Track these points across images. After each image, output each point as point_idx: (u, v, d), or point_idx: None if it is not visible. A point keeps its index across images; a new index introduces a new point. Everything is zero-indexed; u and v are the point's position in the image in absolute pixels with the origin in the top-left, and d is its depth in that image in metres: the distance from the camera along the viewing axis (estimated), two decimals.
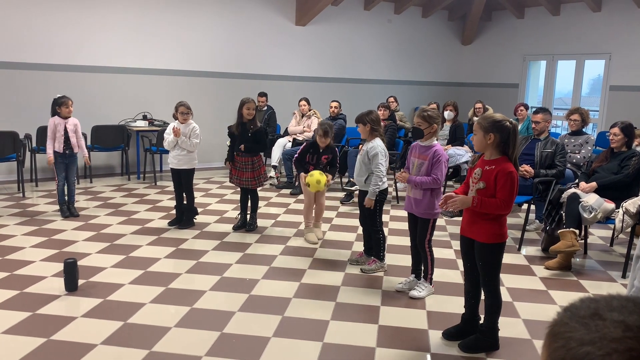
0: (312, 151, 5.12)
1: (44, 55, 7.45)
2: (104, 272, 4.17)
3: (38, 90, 7.39)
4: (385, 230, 5.13)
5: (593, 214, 4.37)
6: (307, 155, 5.13)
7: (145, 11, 8.14)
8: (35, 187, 7.12)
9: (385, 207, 4.60)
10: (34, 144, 7.14)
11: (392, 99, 8.86)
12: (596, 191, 4.60)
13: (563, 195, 4.68)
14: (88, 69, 7.80)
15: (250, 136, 5.25)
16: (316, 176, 4.84)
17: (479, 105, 8.57)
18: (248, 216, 5.47)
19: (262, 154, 5.47)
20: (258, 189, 5.49)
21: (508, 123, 2.92)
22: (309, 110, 8.06)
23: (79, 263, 3.96)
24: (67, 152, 5.64)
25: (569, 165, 5.53)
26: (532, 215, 5.62)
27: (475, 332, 3.13)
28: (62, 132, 5.61)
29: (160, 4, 8.24)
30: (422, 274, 3.91)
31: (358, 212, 4.59)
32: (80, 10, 7.61)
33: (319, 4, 9.11)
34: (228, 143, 5.44)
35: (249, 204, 5.47)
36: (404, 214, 3.99)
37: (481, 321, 3.14)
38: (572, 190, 4.66)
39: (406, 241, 4.00)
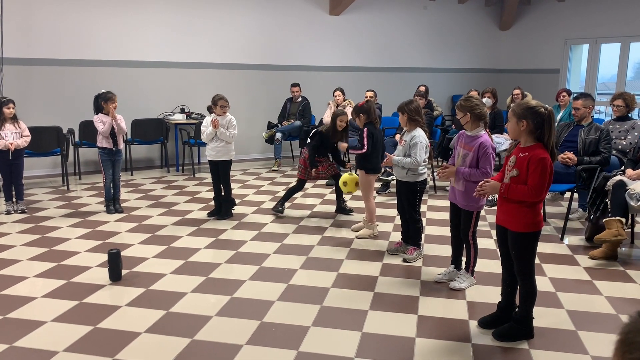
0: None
1: (84, 52, 7.63)
2: (147, 262, 4.27)
3: (79, 86, 7.58)
4: (424, 220, 5.08)
5: None
6: None
7: (181, 6, 8.24)
8: (79, 180, 7.32)
9: (423, 197, 4.55)
10: (76, 139, 7.34)
11: (423, 88, 8.68)
12: None
13: (608, 183, 4.53)
14: (127, 64, 7.95)
15: (335, 145, 5.57)
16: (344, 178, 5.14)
17: (517, 91, 8.37)
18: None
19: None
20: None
21: (542, 109, 2.85)
22: (344, 101, 8.02)
23: (122, 254, 4.06)
24: (114, 148, 5.67)
25: (614, 151, 5.35)
26: (574, 204, 5.47)
27: (510, 321, 3.10)
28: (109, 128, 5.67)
29: None
30: (464, 265, 3.85)
31: (395, 202, 4.55)
32: (118, 8, 7.76)
33: None
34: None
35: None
36: (443, 204, 3.94)
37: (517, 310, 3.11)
38: (618, 177, 4.51)
39: (444, 231, 3.95)
